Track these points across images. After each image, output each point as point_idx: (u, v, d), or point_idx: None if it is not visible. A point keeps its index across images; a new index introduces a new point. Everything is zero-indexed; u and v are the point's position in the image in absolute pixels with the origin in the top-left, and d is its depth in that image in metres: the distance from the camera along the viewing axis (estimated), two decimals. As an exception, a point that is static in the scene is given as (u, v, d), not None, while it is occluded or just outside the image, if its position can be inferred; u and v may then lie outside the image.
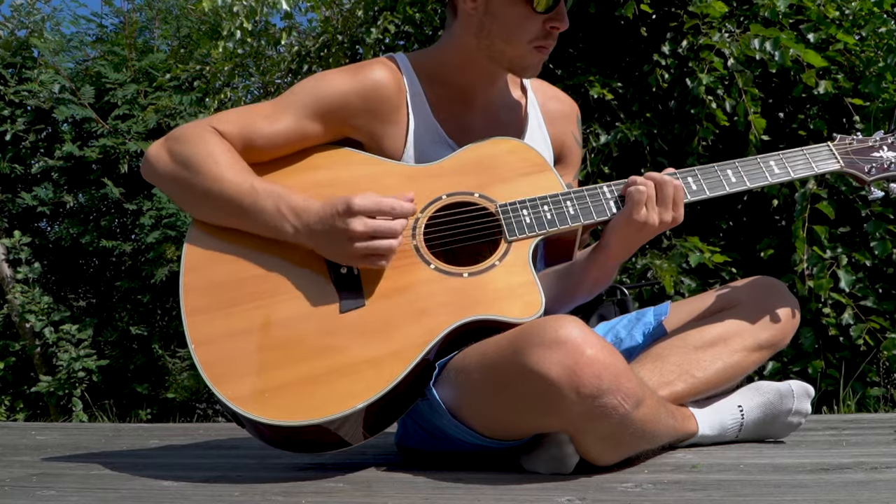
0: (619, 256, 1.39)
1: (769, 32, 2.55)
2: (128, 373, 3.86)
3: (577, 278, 1.42)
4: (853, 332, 2.42)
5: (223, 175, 1.33)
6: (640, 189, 1.33)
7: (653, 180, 1.34)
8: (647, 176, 1.35)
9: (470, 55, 1.46)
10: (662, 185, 1.34)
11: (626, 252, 1.39)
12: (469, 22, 1.44)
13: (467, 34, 1.45)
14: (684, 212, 1.37)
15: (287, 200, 1.31)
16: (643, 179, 1.35)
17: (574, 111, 1.66)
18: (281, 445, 1.29)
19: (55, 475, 1.40)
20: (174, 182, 1.37)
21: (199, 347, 1.26)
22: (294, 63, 3.51)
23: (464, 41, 1.46)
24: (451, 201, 1.38)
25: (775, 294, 1.49)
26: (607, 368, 1.11)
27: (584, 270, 1.41)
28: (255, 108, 1.44)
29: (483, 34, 1.42)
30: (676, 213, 1.35)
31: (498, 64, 1.45)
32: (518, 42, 1.40)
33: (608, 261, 1.39)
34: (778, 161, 1.43)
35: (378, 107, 1.44)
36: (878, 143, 1.46)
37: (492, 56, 1.44)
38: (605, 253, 1.38)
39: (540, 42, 1.40)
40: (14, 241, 3.91)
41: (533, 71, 1.45)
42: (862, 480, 1.12)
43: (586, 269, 1.41)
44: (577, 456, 1.22)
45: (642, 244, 1.40)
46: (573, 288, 1.43)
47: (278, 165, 1.41)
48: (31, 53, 4.25)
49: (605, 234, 1.38)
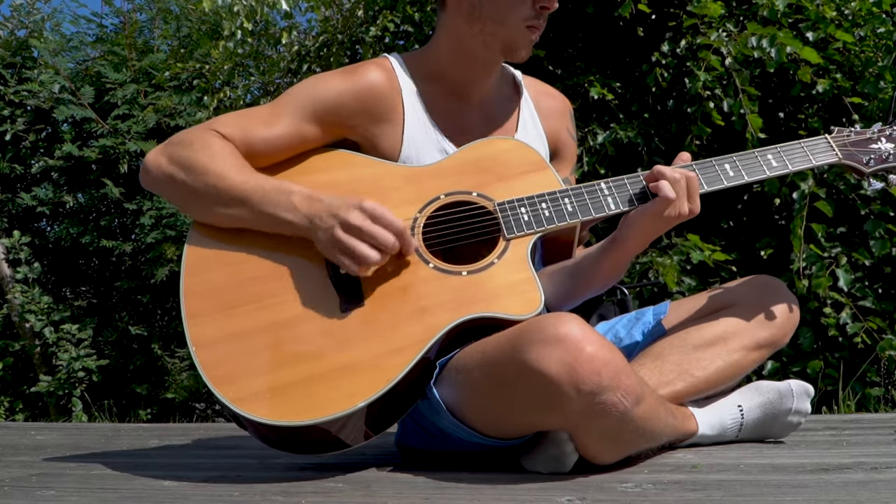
0: (636, 249, 1.40)
1: (766, 31, 2.56)
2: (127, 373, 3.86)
3: (590, 273, 1.42)
4: (850, 330, 2.42)
5: (228, 174, 1.33)
6: (681, 183, 1.33)
7: (681, 173, 1.35)
8: (674, 169, 1.35)
9: (462, 44, 1.47)
10: (690, 180, 1.35)
11: (642, 245, 1.40)
12: (459, 9, 1.44)
13: (458, 22, 1.45)
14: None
15: (299, 190, 1.31)
16: (675, 174, 1.34)
17: (567, 107, 1.66)
18: (282, 446, 1.29)
19: (55, 475, 1.40)
20: (175, 185, 1.37)
21: (200, 349, 1.26)
22: (294, 63, 3.51)
23: (456, 30, 1.46)
24: (449, 201, 1.38)
25: (775, 293, 1.49)
26: (607, 365, 1.11)
27: (597, 264, 1.41)
28: (253, 113, 1.44)
29: (475, 18, 1.43)
30: (694, 205, 1.36)
31: (491, 49, 1.45)
32: (511, 22, 1.41)
33: (625, 254, 1.39)
34: (776, 154, 1.43)
35: (373, 107, 1.44)
36: (876, 135, 1.46)
37: (485, 41, 1.44)
38: (621, 246, 1.38)
39: (532, 21, 1.42)
40: (13, 241, 3.91)
41: (526, 52, 1.45)
42: (862, 480, 1.12)
43: (600, 263, 1.41)
44: (575, 455, 1.22)
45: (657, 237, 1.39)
46: (586, 283, 1.43)
47: (278, 169, 1.42)
48: (30, 53, 4.25)
49: (623, 227, 1.37)
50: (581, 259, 1.45)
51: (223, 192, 1.32)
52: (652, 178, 1.37)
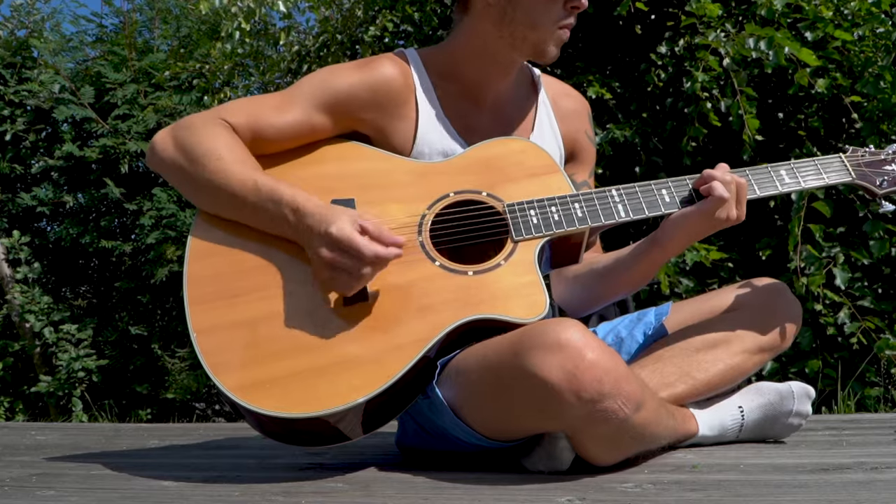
0: (676, 251, 1.41)
1: (764, 31, 2.56)
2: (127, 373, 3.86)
3: (624, 274, 1.43)
4: (847, 330, 2.42)
5: (227, 170, 1.33)
6: (731, 186, 1.35)
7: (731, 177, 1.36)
8: (725, 173, 1.37)
9: (487, 46, 1.45)
10: (741, 185, 1.36)
11: (683, 248, 1.41)
12: (487, 13, 1.43)
13: (485, 25, 1.44)
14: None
15: (289, 201, 1.29)
16: (726, 176, 1.36)
17: (585, 108, 1.65)
18: (279, 437, 1.29)
19: (55, 475, 1.40)
20: (178, 171, 1.37)
21: (201, 336, 1.26)
22: (294, 63, 3.52)
23: (480, 32, 1.45)
24: (458, 199, 1.37)
25: (778, 297, 1.49)
26: (608, 373, 1.11)
27: (633, 265, 1.41)
28: (264, 99, 1.44)
29: (505, 22, 1.42)
30: (741, 211, 1.37)
31: (519, 51, 1.45)
32: (542, 25, 1.41)
33: (663, 255, 1.40)
34: (789, 170, 1.43)
35: (386, 101, 1.44)
36: (890, 157, 1.46)
37: (513, 43, 1.43)
38: (663, 246, 1.39)
39: (563, 22, 1.41)
40: (13, 241, 3.91)
41: (554, 54, 1.45)
42: (862, 480, 1.12)
43: (637, 263, 1.41)
44: (572, 451, 1.22)
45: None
46: (617, 285, 1.44)
47: (286, 158, 1.41)
48: (30, 53, 4.25)
49: (667, 227, 1.38)
50: (612, 261, 1.44)
51: (221, 188, 1.32)
52: (702, 181, 1.37)
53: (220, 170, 1.33)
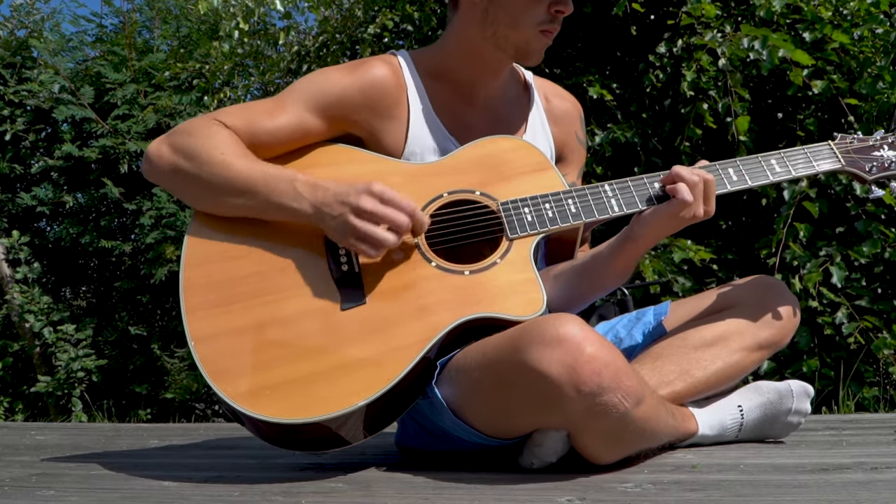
0: (649, 245, 1.41)
1: (758, 32, 2.56)
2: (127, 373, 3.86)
3: (602, 271, 1.43)
4: (845, 329, 2.42)
5: (231, 162, 1.32)
6: (699, 187, 1.34)
7: (699, 176, 1.35)
8: (692, 171, 1.36)
9: (474, 45, 1.46)
10: (708, 183, 1.35)
11: (654, 242, 1.41)
12: (472, 11, 1.44)
13: (471, 24, 1.45)
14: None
15: (302, 178, 1.31)
16: (693, 176, 1.34)
17: (577, 110, 1.66)
18: (281, 443, 1.29)
19: (55, 475, 1.40)
20: (178, 175, 1.36)
21: (199, 344, 1.26)
22: (294, 63, 3.52)
23: (467, 32, 1.46)
24: (452, 199, 1.38)
25: (775, 293, 1.49)
26: (608, 366, 1.11)
27: (609, 262, 1.41)
28: (257, 105, 1.44)
29: (488, 22, 1.43)
30: (709, 207, 1.36)
31: (503, 51, 1.45)
32: (524, 27, 1.41)
33: (637, 251, 1.40)
34: (779, 160, 1.43)
35: (378, 102, 1.44)
36: (878, 143, 1.46)
37: (497, 43, 1.44)
38: (634, 243, 1.39)
39: (545, 26, 1.41)
40: (13, 241, 3.91)
41: (537, 57, 1.45)
42: (862, 480, 1.13)
43: (613, 260, 1.41)
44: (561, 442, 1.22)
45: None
46: (597, 282, 1.44)
47: (280, 162, 1.41)
48: (30, 53, 4.25)
49: (636, 225, 1.38)
50: (590, 258, 1.45)
51: (227, 180, 1.32)
52: (670, 179, 1.37)
53: (225, 162, 1.32)
